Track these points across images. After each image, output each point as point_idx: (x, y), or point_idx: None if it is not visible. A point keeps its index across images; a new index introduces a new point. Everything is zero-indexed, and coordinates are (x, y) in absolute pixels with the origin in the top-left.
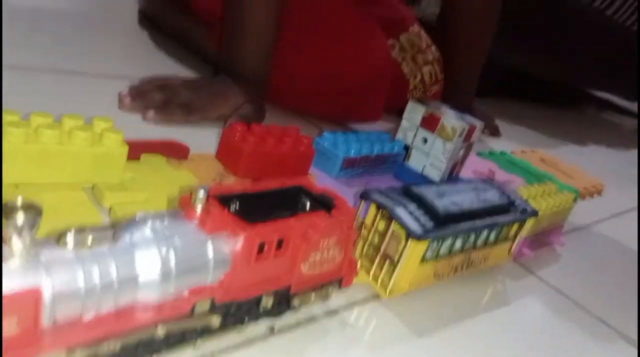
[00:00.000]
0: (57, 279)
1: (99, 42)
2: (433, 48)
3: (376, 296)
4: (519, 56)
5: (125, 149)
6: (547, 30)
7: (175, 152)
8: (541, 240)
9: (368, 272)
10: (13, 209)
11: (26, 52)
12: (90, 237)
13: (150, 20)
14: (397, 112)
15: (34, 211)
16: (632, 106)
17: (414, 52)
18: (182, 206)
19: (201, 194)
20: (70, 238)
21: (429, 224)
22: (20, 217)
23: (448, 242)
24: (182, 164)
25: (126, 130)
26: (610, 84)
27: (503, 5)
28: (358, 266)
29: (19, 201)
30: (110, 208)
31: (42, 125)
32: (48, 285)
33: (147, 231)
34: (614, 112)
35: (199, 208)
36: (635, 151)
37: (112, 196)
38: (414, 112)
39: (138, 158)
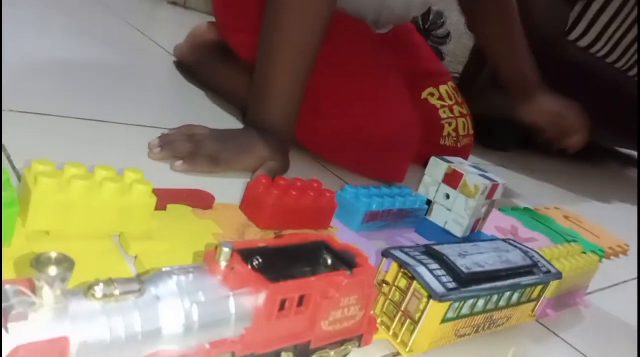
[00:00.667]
0: (83, 330)
1: (135, 93)
2: (466, 105)
3: (395, 354)
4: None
5: (153, 201)
6: (562, 87)
7: (201, 201)
8: (565, 301)
9: (388, 329)
10: (47, 261)
11: (66, 102)
12: (117, 290)
13: (187, 69)
14: (425, 163)
15: (67, 264)
16: None
17: (451, 103)
18: (207, 261)
19: (226, 250)
20: (98, 290)
21: (451, 284)
22: (53, 270)
23: (470, 302)
24: (206, 213)
25: (156, 177)
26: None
27: None
28: (378, 322)
29: (53, 254)
30: (136, 257)
31: (74, 176)
32: (75, 335)
33: (172, 285)
34: (637, 168)
35: (223, 264)
36: None
37: (138, 245)
38: (436, 168)
39: (165, 208)
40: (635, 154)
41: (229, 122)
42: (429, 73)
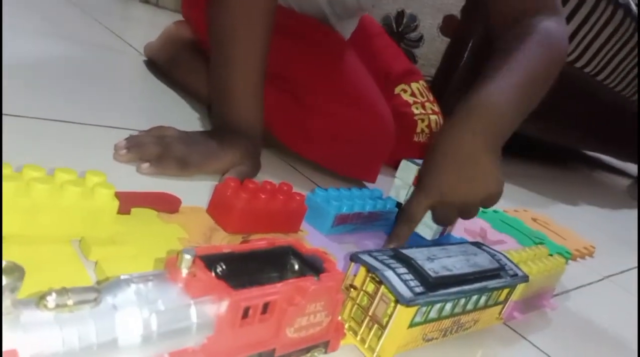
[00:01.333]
0: (35, 341)
1: (105, 93)
2: (437, 104)
3: None
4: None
5: (115, 204)
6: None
7: (167, 204)
8: (532, 303)
9: (355, 334)
10: None
11: (28, 101)
12: (70, 299)
13: (159, 67)
14: (397, 164)
15: (17, 273)
16: (624, 165)
17: (423, 99)
18: (168, 268)
19: (187, 257)
20: (50, 300)
21: (419, 288)
22: (2, 279)
23: (438, 306)
24: (172, 217)
25: (121, 180)
26: (604, 146)
27: None
28: (346, 327)
29: (3, 263)
30: (96, 263)
31: (34, 179)
32: (26, 347)
33: (130, 293)
34: (604, 171)
35: (184, 271)
36: (627, 212)
37: (99, 250)
38: (407, 171)
39: (128, 212)
40: (603, 157)
41: (199, 121)
42: (400, 71)
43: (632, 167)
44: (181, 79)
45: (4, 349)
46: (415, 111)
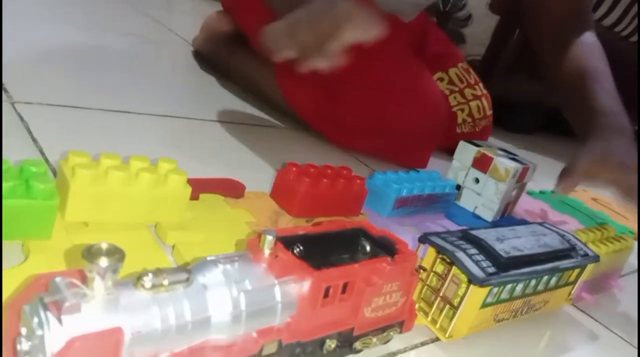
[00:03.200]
0: (136, 320)
1: (157, 83)
2: (480, 85)
3: (434, 339)
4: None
5: (188, 191)
6: None
7: (232, 190)
8: (600, 284)
9: (426, 315)
10: (98, 252)
11: (90, 94)
12: (166, 279)
13: (206, 59)
14: (445, 150)
15: (118, 255)
16: None
17: (462, 86)
18: (250, 249)
19: (270, 238)
20: (147, 280)
21: (491, 269)
22: (104, 261)
23: (509, 287)
24: (238, 202)
25: (184, 166)
26: None
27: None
28: (416, 307)
29: (104, 245)
30: (173, 247)
31: (111, 167)
32: (128, 326)
33: (218, 273)
34: None
35: (267, 252)
36: None
37: (175, 235)
38: (465, 152)
39: (197, 198)
40: None
41: (247, 109)
42: (436, 56)
43: None
44: (225, 69)
45: (108, 327)
46: (453, 102)
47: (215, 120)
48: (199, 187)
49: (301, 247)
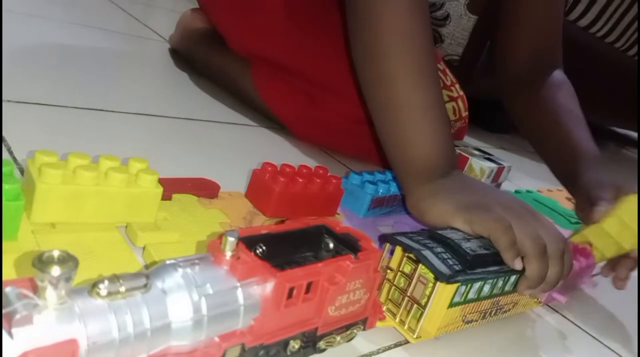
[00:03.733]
0: (92, 329)
1: (132, 81)
2: (457, 86)
3: (403, 342)
4: None
5: (159, 190)
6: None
7: (206, 189)
8: (571, 283)
9: (394, 316)
10: (50, 260)
11: (64, 90)
12: (122, 286)
13: (182, 57)
14: None
15: (71, 262)
16: None
17: None
18: (211, 251)
19: (231, 240)
20: (103, 287)
21: (457, 267)
22: (56, 270)
23: (476, 286)
24: (212, 202)
25: (156, 166)
26: (626, 120)
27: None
28: (384, 309)
29: (56, 253)
30: (143, 248)
31: (79, 166)
32: (83, 336)
33: (178, 277)
34: (634, 148)
35: (228, 254)
36: None
37: (146, 236)
38: None
39: (170, 198)
40: (632, 134)
41: (222, 107)
42: None
43: None
44: (202, 67)
45: (62, 338)
46: None
47: (190, 119)
48: (172, 186)
49: (264, 247)
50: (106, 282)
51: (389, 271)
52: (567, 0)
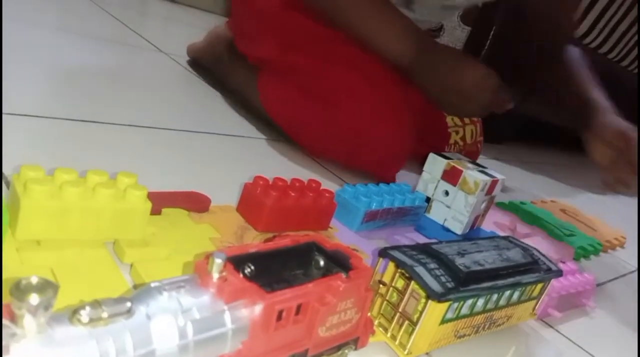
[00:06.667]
0: None
1: (123, 92)
2: None
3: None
4: (531, 105)
5: (148, 206)
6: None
7: (197, 203)
8: (571, 301)
9: (386, 331)
10: (28, 288)
11: (54, 102)
12: (105, 312)
13: (203, 66)
14: (422, 160)
15: (50, 290)
16: None
17: None
18: (198, 272)
19: (218, 261)
20: (84, 314)
21: (450, 284)
22: (34, 298)
23: (469, 302)
24: (203, 217)
25: (148, 180)
26: None
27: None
28: (375, 323)
29: (34, 279)
30: (131, 265)
31: (66, 182)
32: None
33: (163, 301)
34: None
35: (215, 276)
36: None
37: (133, 252)
38: (434, 165)
39: (159, 212)
40: None
41: (222, 119)
42: None
43: None
44: (220, 77)
45: None
46: (450, 123)
47: (182, 130)
48: (161, 201)
49: (252, 267)
50: (87, 308)
51: (381, 285)
52: None
